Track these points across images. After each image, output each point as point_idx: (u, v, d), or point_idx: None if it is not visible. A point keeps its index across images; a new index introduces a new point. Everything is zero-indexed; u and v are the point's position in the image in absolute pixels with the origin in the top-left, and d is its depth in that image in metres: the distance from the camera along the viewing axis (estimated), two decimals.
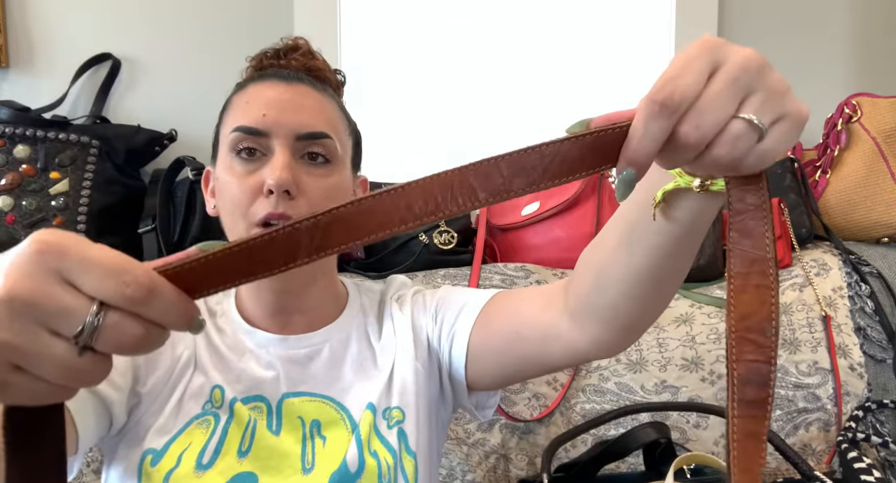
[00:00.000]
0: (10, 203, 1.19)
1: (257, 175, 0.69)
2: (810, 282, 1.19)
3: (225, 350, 0.73)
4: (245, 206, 0.68)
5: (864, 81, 1.56)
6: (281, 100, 0.70)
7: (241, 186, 0.69)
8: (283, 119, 0.69)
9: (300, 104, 0.71)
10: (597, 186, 1.22)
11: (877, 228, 1.27)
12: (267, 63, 0.79)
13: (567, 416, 1.14)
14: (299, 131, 0.69)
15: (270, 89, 0.71)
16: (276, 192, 0.67)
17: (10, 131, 1.20)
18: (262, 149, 0.69)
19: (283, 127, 0.69)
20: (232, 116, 0.72)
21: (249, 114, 0.70)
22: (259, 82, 0.73)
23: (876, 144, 1.26)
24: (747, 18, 1.55)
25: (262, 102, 0.70)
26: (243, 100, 0.72)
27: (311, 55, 0.80)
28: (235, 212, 0.69)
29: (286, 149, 0.69)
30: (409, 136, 1.53)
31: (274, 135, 0.69)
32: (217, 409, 0.69)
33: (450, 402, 0.79)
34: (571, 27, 1.58)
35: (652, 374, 1.14)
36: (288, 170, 0.67)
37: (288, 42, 0.80)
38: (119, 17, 1.42)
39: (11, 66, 1.40)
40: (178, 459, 0.66)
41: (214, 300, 0.78)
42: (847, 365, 1.14)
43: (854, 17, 1.57)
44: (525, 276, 1.20)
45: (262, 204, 0.68)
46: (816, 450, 1.13)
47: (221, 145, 0.73)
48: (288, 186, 0.67)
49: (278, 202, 0.67)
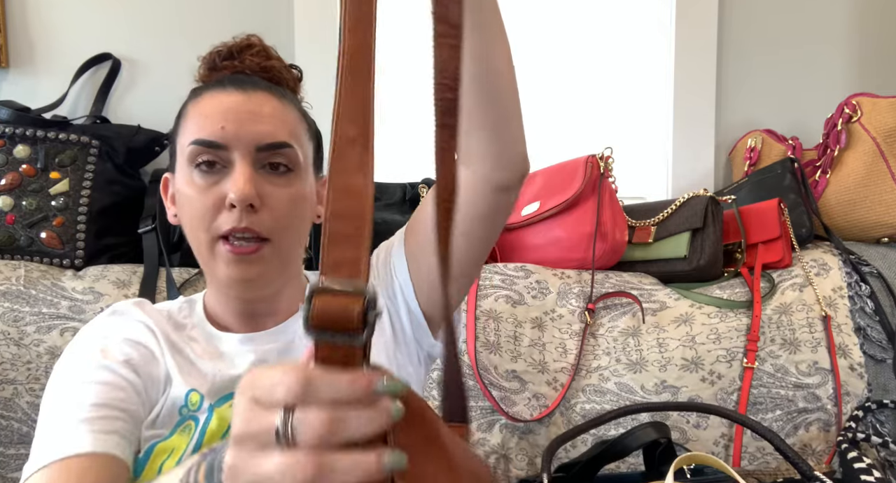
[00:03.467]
0: (10, 203, 1.19)
1: (218, 188, 0.68)
2: (810, 282, 1.19)
3: (196, 358, 0.72)
4: (208, 219, 0.68)
5: (864, 81, 1.56)
6: (238, 110, 0.68)
7: (203, 200, 0.68)
8: (242, 131, 0.68)
9: (259, 114, 0.69)
10: (597, 186, 1.22)
11: (877, 228, 1.27)
12: (220, 62, 0.77)
13: (567, 416, 1.14)
14: (259, 142, 0.68)
15: (227, 99, 0.69)
16: (238, 206, 0.66)
17: (10, 131, 1.20)
18: (222, 161, 0.68)
19: (243, 139, 0.68)
20: (189, 127, 0.70)
21: (207, 126, 0.68)
22: (215, 91, 0.71)
23: (876, 144, 1.26)
24: (747, 19, 1.55)
25: (219, 114, 0.68)
26: (200, 111, 0.70)
27: (266, 54, 0.78)
28: (197, 225, 0.69)
29: (247, 161, 0.68)
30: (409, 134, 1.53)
31: (233, 147, 0.68)
32: (195, 411, 0.68)
33: (416, 355, 0.79)
34: (571, 27, 1.58)
35: (652, 374, 1.14)
36: (250, 183, 0.66)
37: (242, 39, 0.78)
38: (119, 17, 1.42)
39: (11, 66, 1.40)
40: (159, 469, 0.65)
41: (182, 314, 0.77)
42: (847, 365, 1.14)
43: (854, 18, 1.57)
44: (525, 276, 1.20)
45: (225, 218, 0.67)
46: (816, 450, 1.13)
47: (179, 155, 0.71)
48: (251, 200, 0.66)
49: (242, 216, 0.66)
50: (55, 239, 1.20)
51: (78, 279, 1.16)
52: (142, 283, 1.17)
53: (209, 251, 0.69)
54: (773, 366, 1.14)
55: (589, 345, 1.17)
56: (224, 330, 0.75)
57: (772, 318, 1.17)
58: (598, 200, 1.21)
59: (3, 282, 1.13)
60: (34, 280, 1.14)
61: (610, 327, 1.18)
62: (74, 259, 1.21)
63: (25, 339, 1.09)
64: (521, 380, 1.14)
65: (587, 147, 1.30)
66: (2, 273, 1.14)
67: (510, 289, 1.19)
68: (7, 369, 1.09)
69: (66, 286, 1.14)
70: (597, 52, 1.58)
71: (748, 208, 1.29)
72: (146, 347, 0.71)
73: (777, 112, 1.56)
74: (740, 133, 1.54)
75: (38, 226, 1.19)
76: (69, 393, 0.65)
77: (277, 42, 0.83)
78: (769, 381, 1.14)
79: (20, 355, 1.09)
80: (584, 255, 1.22)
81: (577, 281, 1.21)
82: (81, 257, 1.21)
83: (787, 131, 1.51)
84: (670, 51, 1.53)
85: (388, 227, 1.29)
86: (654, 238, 1.26)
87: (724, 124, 1.56)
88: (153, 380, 0.69)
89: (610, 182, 1.23)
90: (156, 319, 0.74)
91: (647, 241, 1.26)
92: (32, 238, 1.19)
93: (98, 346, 0.69)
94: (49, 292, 1.13)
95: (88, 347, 0.69)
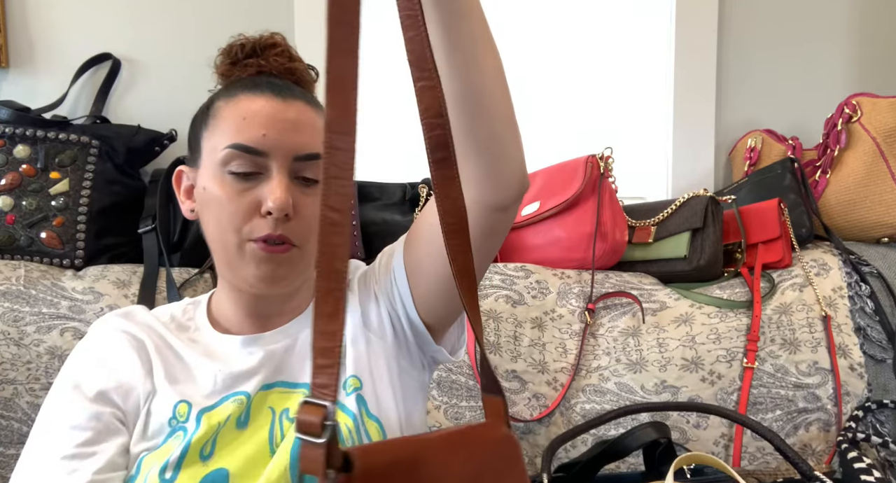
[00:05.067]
0: (10, 203, 1.19)
1: (253, 194, 0.68)
2: (810, 282, 1.19)
3: (195, 361, 0.72)
4: (239, 223, 0.68)
5: (864, 81, 1.56)
6: (279, 118, 0.69)
7: (237, 204, 0.68)
8: (282, 140, 0.68)
9: (298, 123, 0.70)
10: (597, 186, 1.22)
11: (877, 228, 1.27)
12: (243, 58, 0.76)
13: (567, 416, 1.14)
14: (298, 153, 0.69)
15: (267, 105, 0.70)
16: (275, 214, 0.67)
17: (10, 131, 1.20)
18: (259, 168, 0.68)
19: (283, 148, 0.68)
20: (225, 128, 0.70)
21: (247, 131, 0.68)
22: (252, 94, 0.71)
23: (876, 144, 1.26)
24: (747, 18, 1.55)
25: (260, 120, 0.69)
26: (238, 113, 0.70)
27: (289, 55, 0.78)
28: (227, 227, 0.69)
29: (284, 170, 0.68)
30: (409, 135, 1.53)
31: (273, 155, 0.68)
32: (184, 422, 0.68)
33: (419, 361, 0.78)
34: (571, 27, 1.58)
35: (652, 374, 1.14)
36: (288, 193, 0.67)
37: (265, 36, 0.77)
38: (119, 17, 1.42)
39: (11, 66, 1.40)
40: (145, 479, 0.65)
41: (186, 316, 0.77)
42: (847, 365, 1.14)
43: (854, 18, 1.57)
44: (525, 276, 1.20)
45: (259, 224, 0.68)
46: (816, 450, 1.13)
47: (208, 153, 0.71)
48: (288, 210, 0.67)
49: (277, 224, 0.67)
50: (55, 239, 1.20)
51: (78, 279, 1.16)
52: (142, 283, 1.17)
53: (238, 251, 0.69)
54: (773, 366, 1.14)
55: (589, 345, 1.17)
56: (225, 332, 0.75)
57: (772, 318, 1.17)
58: (598, 200, 1.21)
59: (3, 282, 1.13)
60: (34, 280, 1.14)
61: (610, 327, 1.18)
62: (74, 259, 1.21)
63: (25, 339, 1.09)
64: (521, 380, 1.14)
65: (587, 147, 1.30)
66: (2, 273, 1.14)
67: (510, 289, 1.19)
68: (7, 369, 1.09)
69: (66, 286, 1.14)
70: (597, 52, 1.58)
71: (748, 208, 1.29)
72: (127, 365, 0.71)
73: (777, 112, 1.56)
74: (740, 133, 1.55)
75: (38, 226, 1.19)
76: (45, 438, 0.66)
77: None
78: (769, 381, 1.14)
79: (20, 355, 1.09)
80: (584, 255, 1.22)
81: (577, 281, 1.21)
82: (81, 257, 1.21)
83: (787, 131, 1.51)
84: (670, 51, 1.53)
85: (388, 227, 1.30)
86: (654, 238, 1.26)
87: (724, 124, 1.56)
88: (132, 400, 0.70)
89: (610, 182, 1.23)
90: (147, 327, 0.74)
91: (647, 241, 1.27)
92: (32, 238, 1.19)
93: (72, 382, 0.70)
94: (49, 292, 1.13)
95: (66, 381, 0.70)
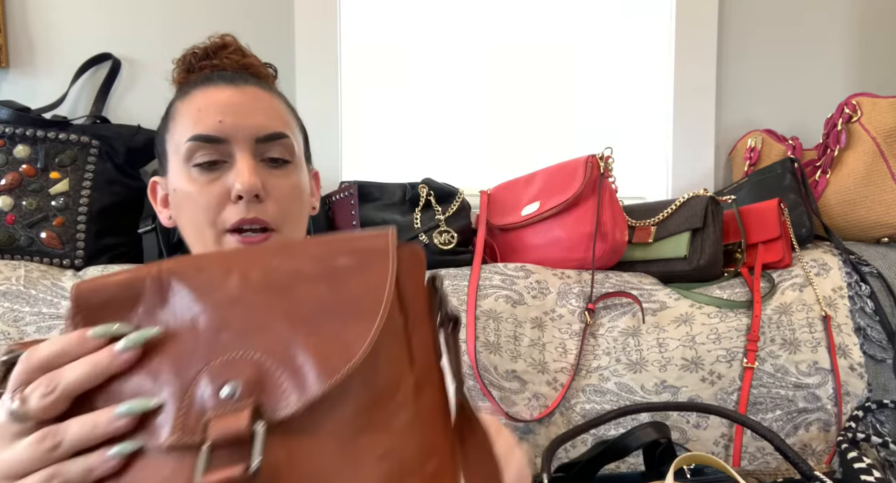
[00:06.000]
0: (10, 203, 1.19)
1: (221, 183, 0.67)
2: (810, 282, 1.19)
3: None
4: (213, 213, 0.67)
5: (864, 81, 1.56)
6: (233, 103, 0.68)
7: (206, 195, 0.67)
8: (240, 123, 0.68)
9: (254, 106, 0.69)
10: (597, 186, 1.22)
11: (877, 228, 1.27)
12: (196, 64, 0.77)
13: (567, 416, 1.14)
14: (258, 134, 0.68)
15: (220, 93, 0.69)
16: (245, 197, 0.66)
17: (10, 131, 1.20)
18: (223, 156, 0.68)
19: (242, 131, 0.68)
20: (182, 125, 0.70)
21: (204, 121, 0.68)
22: (204, 87, 0.71)
23: (876, 144, 1.26)
24: (747, 18, 1.55)
25: (215, 108, 0.68)
26: (193, 107, 0.70)
27: (242, 53, 0.78)
28: (202, 221, 0.67)
29: (248, 153, 0.68)
30: (409, 135, 1.53)
31: (233, 140, 0.68)
32: None
33: None
34: (571, 27, 1.58)
35: (652, 374, 1.14)
36: (255, 174, 0.67)
37: (216, 40, 0.78)
38: (119, 17, 1.42)
39: (11, 66, 1.40)
40: None
41: None
42: (847, 365, 1.14)
43: (854, 17, 1.57)
44: (525, 276, 1.20)
45: (231, 210, 0.67)
46: (816, 450, 1.13)
47: (173, 154, 0.70)
48: (257, 191, 0.66)
49: (249, 207, 0.66)
50: (55, 239, 1.20)
51: (78, 279, 1.16)
52: None
53: (216, 246, 0.68)
54: (773, 366, 1.14)
55: (589, 345, 1.17)
56: None
57: (772, 318, 1.17)
58: (598, 200, 1.21)
59: (3, 282, 1.13)
60: (34, 280, 1.14)
61: (610, 327, 1.18)
62: (74, 259, 1.21)
63: (25, 340, 1.09)
64: (521, 380, 1.14)
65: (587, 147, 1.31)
66: (2, 273, 1.14)
67: (510, 289, 1.19)
68: None
69: (66, 286, 1.14)
70: (597, 52, 1.58)
71: (748, 208, 1.29)
72: None
73: (777, 112, 1.56)
74: (740, 133, 1.55)
75: (38, 226, 1.19)
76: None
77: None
78: (769, 381, 1.14)
79: None
80: (584, 255, 1.22)
81: (577, 281, 1.21)
82: (81, 257, 1.21)
83: (787, 131, 1.51)
84: (670, 51, 1.53)
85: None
86: (654, 238, 1.26)
87: (724, 124, 1.56)
88: None
89: (610, 182, 1.23)
90: None
91: (647, 241, 1.27)
92: (32, 238, 1.19)
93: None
94: (49, 292, 1.13)
95: None
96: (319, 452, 0.34)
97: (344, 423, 0.34)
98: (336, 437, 0.34)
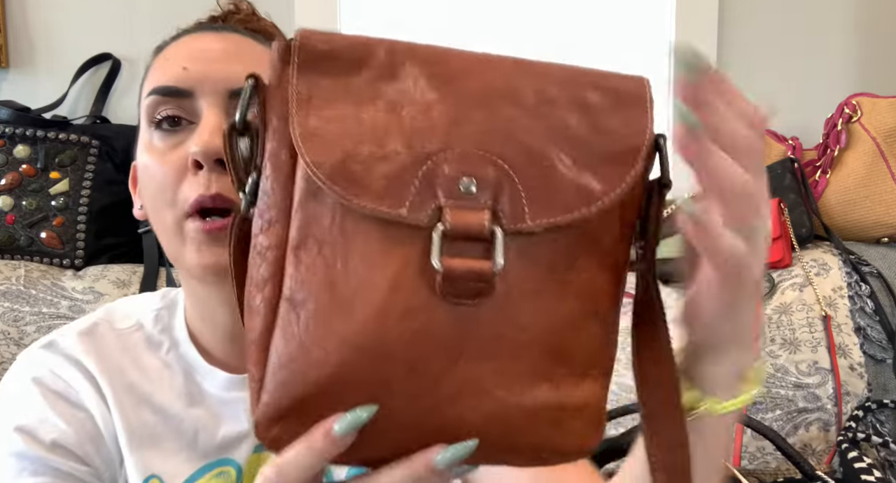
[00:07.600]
0: (10, 203, 1.19)
1: (182, 148, 0.51)
2: (810, 282, 1.19)
3: (167, 404, 0.55)
4: (171, 190, 0.51)
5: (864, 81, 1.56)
6: (204, 49, 0.54)
7: (166, 166, 0.51)
8: (210, 72, 0.52)
9: (228, 52, 0.54)
10: None
11: (877, 228, 1.27)
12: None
13: None
14: (233, 86, 0.51)
15: (195, 40, 0.55)
16: (205, 163, 0.49)
17: (10, 131, 1.20)
18: (188, 114, 0.52)
19: (210, 81, 0.52)
20: (148, 80, 0.55)
21: (168, 71, 0.53)
22: (183, 36, 0.57)
23: (876, 144, 1.26)
24: (747, 18, 1.55)
25: (182, 54, 0.54)
26: (162, 58, 0.56)
27: (256, 17, 0.64)
28: (160, 201, 0.52)
29: (217, 108, 0.51)
30: None
31: (199, 92, 0.52)
32: None
33: None
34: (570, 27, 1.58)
35: None
36: (218, 133, 0.48)
37: (229, 6, 0.64)
38: (119, 17, 1.42)
39: (11, 66, 1.40)
40: None
41: (158, 326, 0.58)
42: (847, 365, 1.14)
43: (854, 18, 1.57)
44: None
45: (190, 185, 0.50)
46: (816, 450, 1.13)
47: (142, 121, 0.55)
48: (219, 154, 0.47)
49: (210, 180, 0.49)
50: (55, 239, 1.20)
51: (78, 279, 1.16)
52: (142, 283, 1.17)
53: (176, 235, 0.51)
54: (773, 366, 1.14)
55: None
56: (206, 354, 0.57)
57: (772, 317, 1.17)
58: None
59: (3, 282, 1.13)
60: (34, 280, 1.14)
61: None
62: (74, 259, 1.21)
63: (25, 339, 1.09)
64: None
65: None
66: (2, 273, 1.14)
67: None
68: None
69: (66, 286, 1.14)
70: (596, 52, 1.58)
71: None
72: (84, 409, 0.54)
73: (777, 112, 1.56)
74: None
75: (38, 226, 1.19)
76: None
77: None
78: (769, 380, 1.14)
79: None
80: None
81: None
82: (81, 257, 1.21)
83: (787, 131, 1.51)
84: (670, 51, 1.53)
85: None
86: None
87: None
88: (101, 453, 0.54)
89: None
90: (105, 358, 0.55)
91: None
92: (32, 238, 1.19)
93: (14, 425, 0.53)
94: (49, 292, 1.13)
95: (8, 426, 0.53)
96: (533, 275, 0.32)
97: (561, 258, 0.33)
98: (550, 269, 0.33)
